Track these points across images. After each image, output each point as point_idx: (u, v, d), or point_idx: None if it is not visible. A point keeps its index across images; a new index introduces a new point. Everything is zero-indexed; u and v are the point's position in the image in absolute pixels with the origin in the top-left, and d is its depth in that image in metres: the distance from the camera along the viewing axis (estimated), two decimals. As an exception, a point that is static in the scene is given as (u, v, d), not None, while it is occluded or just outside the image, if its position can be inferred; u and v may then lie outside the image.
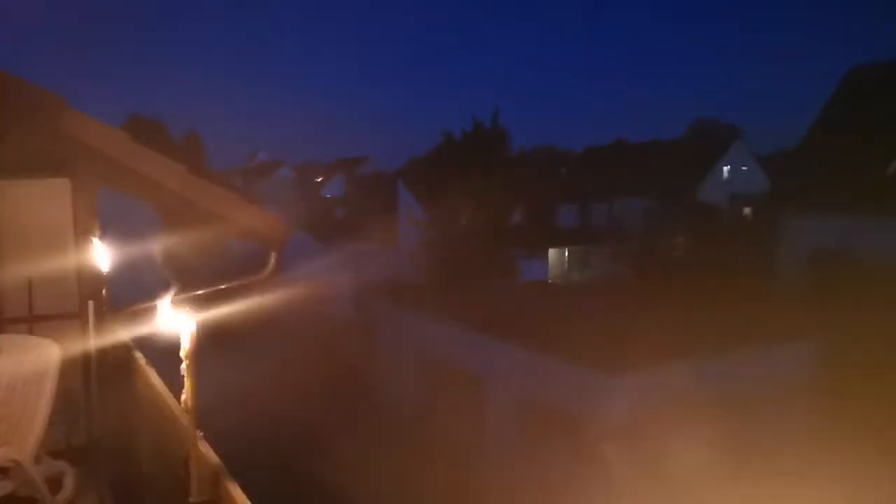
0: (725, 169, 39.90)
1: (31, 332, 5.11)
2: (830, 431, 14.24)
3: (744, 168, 40.14)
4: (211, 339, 3.41)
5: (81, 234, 5.28)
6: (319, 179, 64.94)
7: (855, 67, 28.61)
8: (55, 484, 4.04)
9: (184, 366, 2.73)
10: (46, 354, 4.15)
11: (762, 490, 12.33)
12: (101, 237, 5.29)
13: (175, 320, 2.72)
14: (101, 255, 5.18)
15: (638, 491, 13.21)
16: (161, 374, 4.44)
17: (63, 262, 5.21)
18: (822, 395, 15.65)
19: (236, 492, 2.73)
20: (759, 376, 15.36)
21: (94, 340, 5.23)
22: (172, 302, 2.75)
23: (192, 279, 2.74)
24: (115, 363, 5.18)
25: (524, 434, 16.31)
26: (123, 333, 5.41)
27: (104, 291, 5.32)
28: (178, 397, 3.62)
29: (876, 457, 12.14)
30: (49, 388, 4.03)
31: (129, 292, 5.82)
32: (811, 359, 16.49)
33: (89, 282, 5.31)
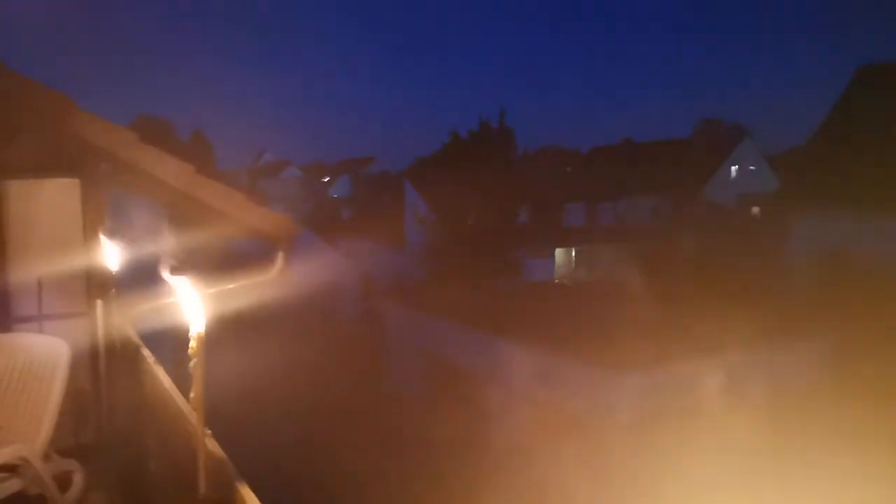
0: (733, 168, 39.72)
1: (40, 330, 5.14)
2: (837, 431, 14.16)
3: (751, 168, 39.94)
4: (218, 337, 3.42)
5: (90, 234, 5.31)
6: (326, 179, 65.04)
7: (864, 67, 28.42)
8: (64, 482, 4.06)
9: (192, 364, 2.74)
10: (55, 353, 4.17)
11: (767, 489, 12.28)
12: (111, 236, 5.32)
13: (183, 318, 2.74)
14: (111, 255, 5.21)
15: (644, 489, 13.18)
16: (169, 372, 4.46)
17: (72, 262, 5.23)
18: (830, 395, 15.57)
19: (245, 490, 2.74)
20: (767, 376, 15.30)
21: (103, 339, 5.26)
22: (180, 300, 2.76)
23: (199, 278, 2.75)
24: (124, 361, 5.20)
25: (530, 433, 16.30)
26: (132, 332, 5.44)
27: (113, 290, 5.35)
28: (186, 395, 3.64)
29: (883, 456, 12.07)
30: (58, 386, 4.05)
31: (137, 291, 5.85)
32: (819, 359, 16.41)
33: (98, 281, 5.34)
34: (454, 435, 17.84)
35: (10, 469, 3.74)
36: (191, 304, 2.70)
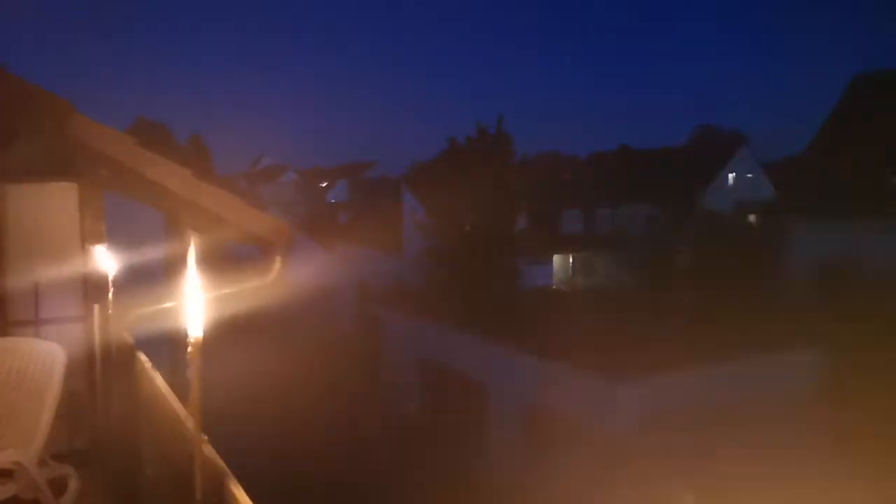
0: (730, 176, 39.82)
1: (37, 335, 5.13)
2: (834, 440, 14.16)
3: (749, 175, 40.05)
4: (214, 342, 3.41)
5: (87, 238, 5.31)
6: (324, 184, 65.07)
7: (860, 74, 28.56)
8: (59, 487, 4.04)
9: (189, 369, 2.73)
10: (51, 358, 4.16)
11: (765, 499, 12.27)
12: (107, 241, 5.31)
13: (180, 323, 2.73)
14: (107, 259, 5.20)
15: (641, 497, 13.15)
16: (165, 377, 4.45)
17: (70, 266, 5.23)
18: (827, 404, 15.56)
19: (241, 496, 2.73)
20: (764, 385, 15.30)
21: (99, 343, 5.24)
22: (178, 304, 2.76)
23: (202, 280, 2.74)
24: (120, 366, 5.19)
25: (528, 440, 16.26)
26: (128, 336, 5.43)
27: (110, 295, 5.34)
28: (182, 400, 3.63)
29: (878, 464, 12.07)
30: (53, 390, 4.04)
31: (134, 296, 5.84)
32: (816, 367, 16.42)
33: (95, 285, 5.33)
34: (453, 442, 17.79)
35: (5, 474, 3.73)
36: (190, 307, 2.69)
